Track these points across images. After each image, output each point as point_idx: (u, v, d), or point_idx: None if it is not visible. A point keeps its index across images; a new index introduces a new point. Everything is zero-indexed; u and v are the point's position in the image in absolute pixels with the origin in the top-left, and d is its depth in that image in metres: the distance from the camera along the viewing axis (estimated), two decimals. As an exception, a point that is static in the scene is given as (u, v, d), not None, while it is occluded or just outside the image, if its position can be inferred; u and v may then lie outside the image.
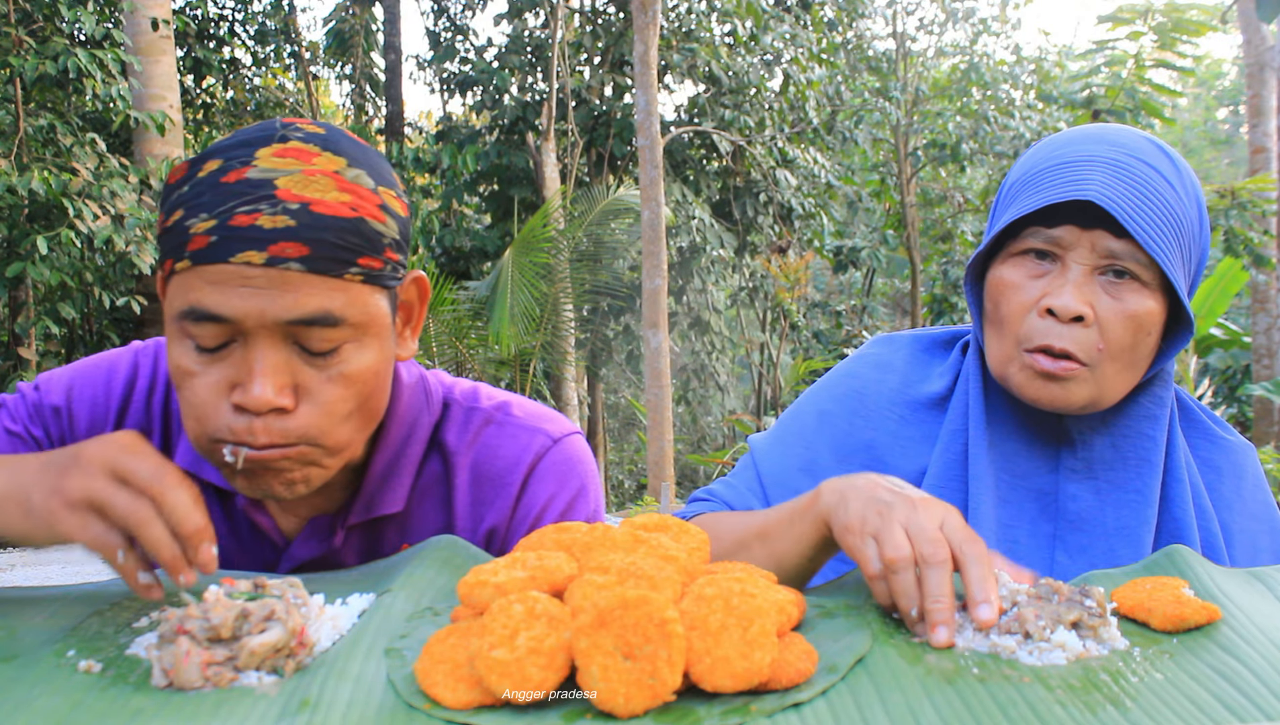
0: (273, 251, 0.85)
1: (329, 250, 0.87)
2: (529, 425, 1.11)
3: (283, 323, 0.87)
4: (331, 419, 0.92)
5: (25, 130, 7.77)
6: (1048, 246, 1.06)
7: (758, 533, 0.99)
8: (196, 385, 0.89)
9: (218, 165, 0.88)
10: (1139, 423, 1.13)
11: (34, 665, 0.73)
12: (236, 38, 13.58)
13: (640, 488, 14.37)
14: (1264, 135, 9.37)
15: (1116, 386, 1.07)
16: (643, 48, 8.24)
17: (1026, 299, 1.06)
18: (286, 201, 0.86)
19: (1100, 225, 1.03)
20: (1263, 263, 9.10)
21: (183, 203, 0.88)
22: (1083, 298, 1.03)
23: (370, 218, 0.89)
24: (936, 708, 0.65)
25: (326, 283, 0.88)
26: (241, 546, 1.08)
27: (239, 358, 0.88)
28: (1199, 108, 29.58)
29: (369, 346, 0.93)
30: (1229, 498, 1.15)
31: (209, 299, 0.86)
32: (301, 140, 0.90)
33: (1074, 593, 0.77)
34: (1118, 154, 1.05)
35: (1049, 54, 16.55)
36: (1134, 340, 1.04)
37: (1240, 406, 9.83)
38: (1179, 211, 1.04)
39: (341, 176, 0.89)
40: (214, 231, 0.85)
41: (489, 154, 12.82)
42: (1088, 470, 1.12)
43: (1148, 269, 1.03)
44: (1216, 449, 1.18)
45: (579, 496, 1.10)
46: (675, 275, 12.86)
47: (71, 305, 8.43)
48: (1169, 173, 1.05)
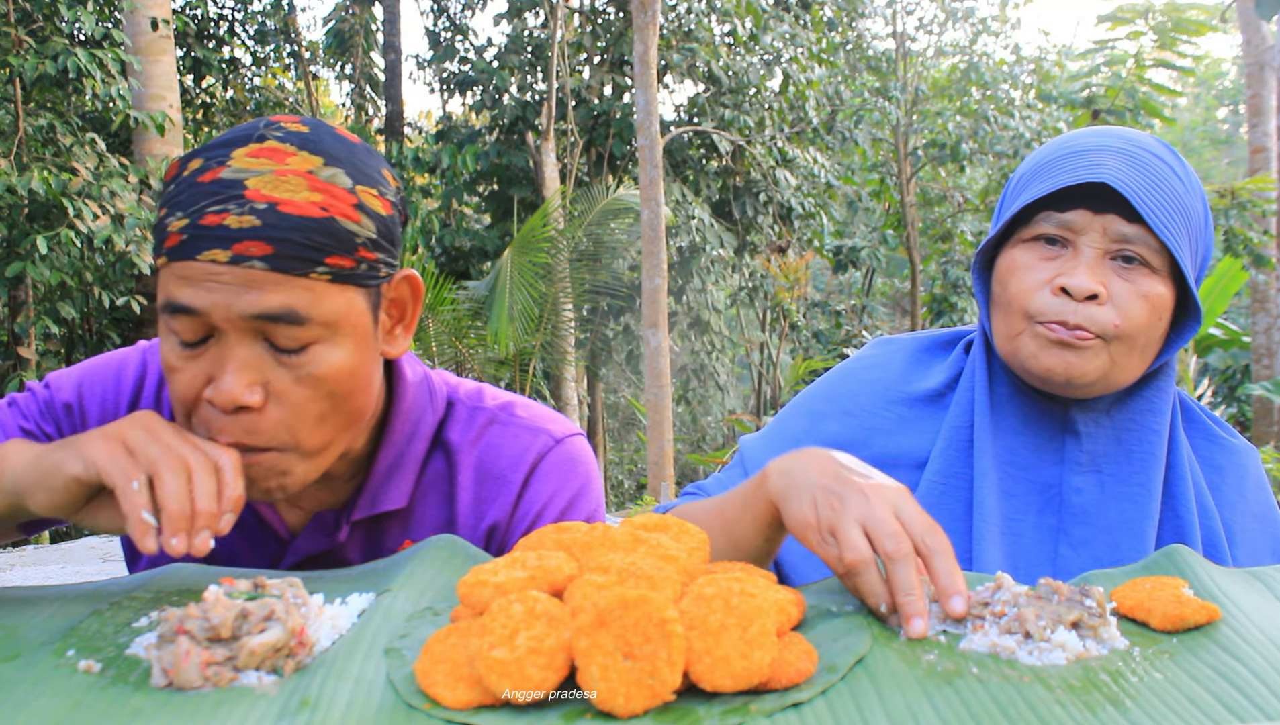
0: (236, 250, 0.87)
1: (294, 249, 0.88)
2: (532, 425, 1.12)
3: (248, 317, 0.88)
4: (302, 420, 0.93)
5: (25, 130, 7.77)
6: (1059, 231, 1.07)
7: (717, 518, 0.99)
8: (178, 380, 0.92)
9: (199, 165, 0.91)
10: (1142, 416, 1.13)
11: (34, 665, 0.73)
12: (236, 37, 13.57)
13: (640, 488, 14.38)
14: (1264, 135, 9.38)
15: (1127, 367, 1.07)
16: (642, 47, 8.24)
17: (1038, 277, 1.07)
18: (254, 201, 0.88)
19: (1112, 210, 1.05)
20: (1262, 263, 9.10)
21: (167, 201, 0.91)
22: (1096, 277, 1.04)
23: (342, 217, 0.90)
24: (936, 708, 0.65)
25: (291, 281, 0.89)
26: (247, 539, 1.09)
27: (215, 354, 0.91)
28: (1199, 108, 29.58)
29: (341, 346, 0.93)
30: (1231, 497, 1.15)
31: (181, 293, 0.89)
32: (279, 140, 0.91)
33: (1074, 593, 0.77)
34: (1127, 145, 1.07)
35: (1049, 54, 16.56)
36: (1147, 321, 1.05)
37: (1240, 406, 9.83)
38: (1188, 203, 1.06)
39: (315, 176, 0.90)
40: (185, 230, 0.88)
41: (489, 154, 12.82)
42: (1091, 463, 1.12)
43: (1158, 255, 1.05)
44: (1219, 449, 1.18)
45: (580, 495, 1.12)
46: (675, 275, 12.86)
47: (71, 305, 8.43)
48: (1177, 167, 1.08)
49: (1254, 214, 9.36)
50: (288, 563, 1.08)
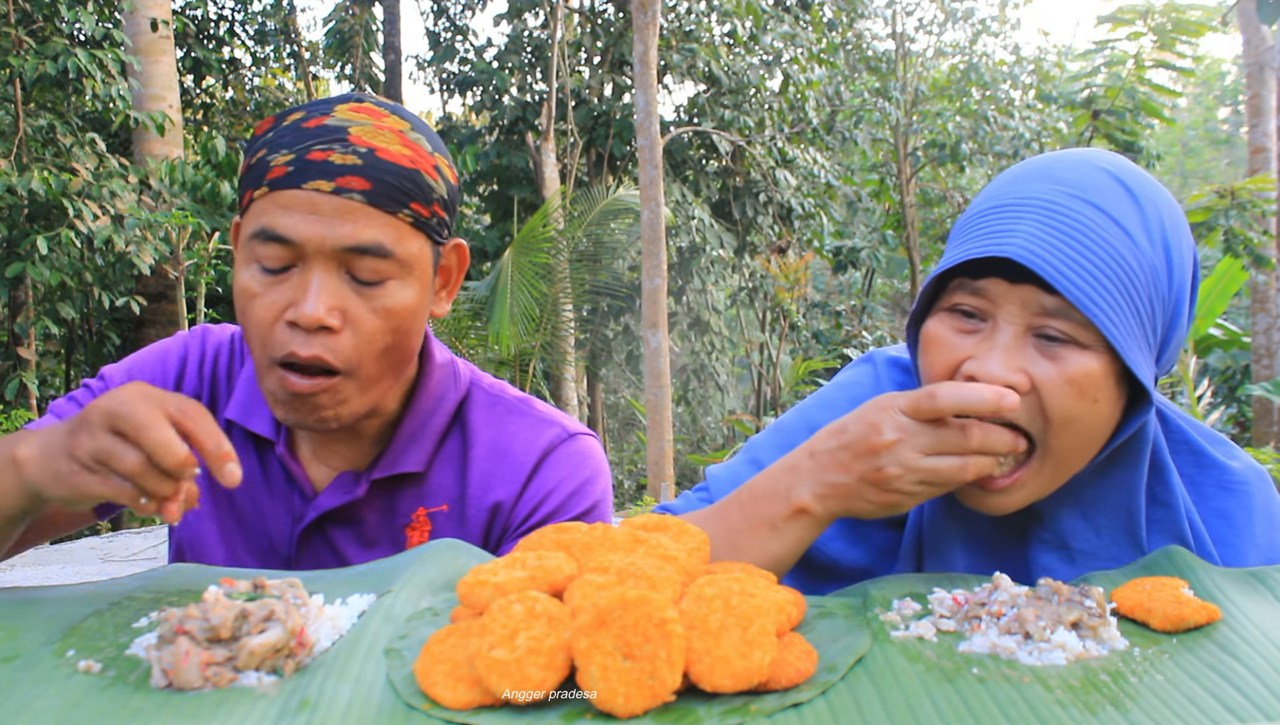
0: (339, 182, 1.00)
1: (388, 189, 1.01)
2: (548, 418, 1.21)
3: (340, 250, 1.00)
4: (369, 349, 1.04)
5: (25, 130, 7.77)
6: (975, 301, 0.93)
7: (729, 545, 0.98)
8: (258, 306, 1.02)
9: (300, 116, 1.04)
10: (1109, 493, 1.01)
11: (34, 665, 0.73)
12: (236, 38, 13.57)
13: (640, 488, 14.37)
14: (1264, 135, 9.38)
15: (1073, 465, 0.95)
16: (642, 48, 8.24)
17: (950, 357, 0.93)
18: (356, 145, 1.01)
19: (1031, 279, 0.90)
20: (1262, 263, 9.10)
21: (266, 144, 1.04)
22: (1012, 363, 0.90)
23: (425, 172, 1.04)
24: (936, 707, 0.65)
25: (382, 218, 1.02)
26: (273, 494, 1.17)
27: (297, 281, 1.01)
28: (1199, 108, 29.57)
29: (411, 286, 1.05)
30: (1243, 551, 1.04)
31: (279, 221, 1.00)
32: (375, 104, 1.06)
33: (1074, 593, 0.77)
34: (1056, 195, 0.92)
35: (1048, 54, 16.55)
36: (1078, 409, 0.90)
37: (1240, 406, 9.82)
38: (1131, 261, 0.90)
39: (405, 135, 1.05)
40: (291, 163, 1.01)
41: (489, 154, 12.82)
42: (1058, 541, 1.02)
43: (1087, 328, 0.89)
44: (1229, 494, 1.05)
45: (586, 484, 1.18)
46: (675, 275, 12.85)
47: (71, 305, 8.43)
48: (1124, 213, 0.91)
49: (1254, 214, 9.36)
50: (310, 518, 1.15)
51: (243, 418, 1.17)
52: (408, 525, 1.16)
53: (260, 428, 1.16)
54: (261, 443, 1.18)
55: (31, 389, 8.05)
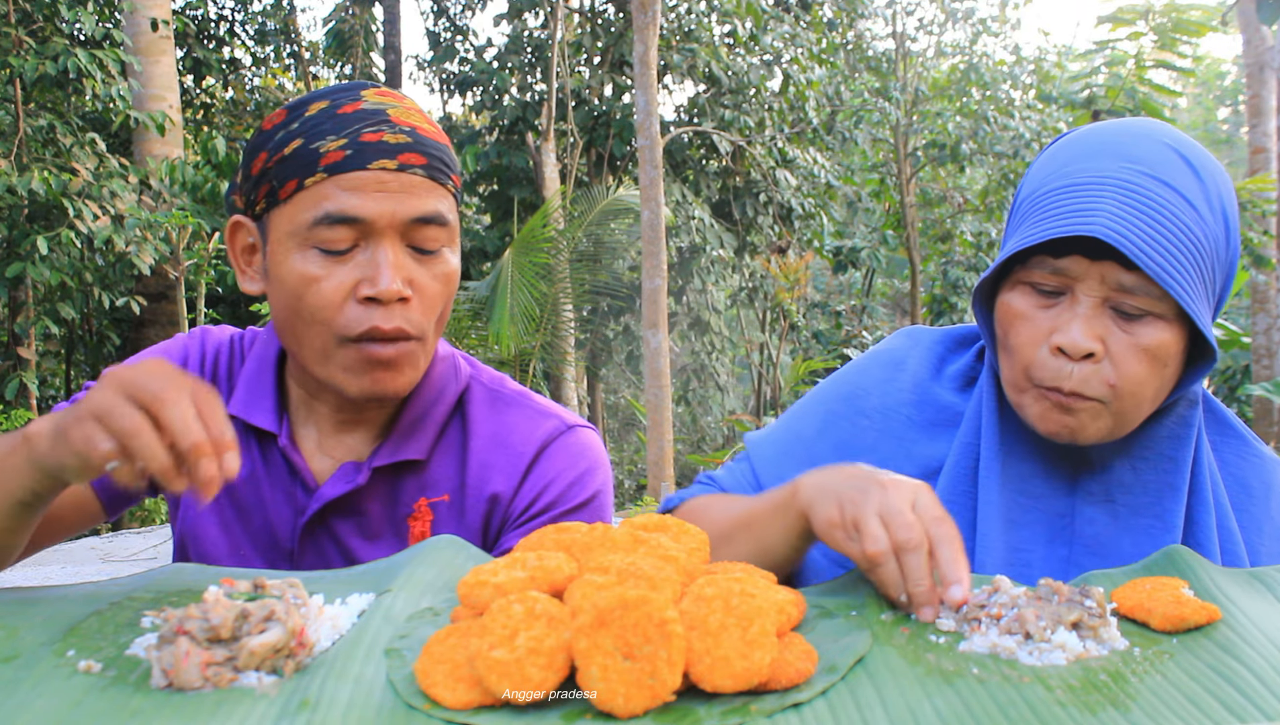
0: (401, 160, 1.05)
1: (437, 162, 1.09)
2: (546, 410, 1.22)
3: (407, 222, 1.06)
4: (431, 314, 1.10)
5: (25, 130, 7.77)
6: (1055, 279, 1.01)
7: (743, 524, 1.02)
8: (323, 288, 1.05)
9: (326, 104, 1.07)
10: (1161, 445, 1.08)
11: (34, 665, 0.73)
12: (236, 38, 13.58)
13: (640, 488, 14.37)
14: (1264, 135, 9.37)
15: (1135, 417, 1.03)
16: (642, 48, 8.24)
17: (1036, 332, 1.02)
18: (400, 125, 1.07)
19: (1110, 256, 0.97)
20: (1263, 263, 9.10)
21: (300, 134, 1.05)
22: (1092, 333, 0.98)
23: (450, 148, 1.12)
24: (936, 708, 0.65)
25: (437, 190, 1.09)
26: (275, 487, 1.18)
27: (364, 259, 1.05)
28: (1199, 108, 29.58)
29: (456, 252, 1.13)
30: (1259, 519, 1.10)
31: (348, 203, 1.04)
32: (385, 90, 1.11)
33: (1074, 593, 0.77)
34: (1132, 174, 0.98)
35: (1049, 54, 16.55)
36: (1148, 374, 0.99)
37: (1240, 406, 9.82)
38: (1199, 234, 0.98)
39: (427, 116, 1.11)
40: (347, 147, 1.04)
41: (489, 154, 12.82)
42: (1105, 494, 1.08)
43: (1162, 301, 0.97)
44: (1249, 466, 1.13)
45: (586, 475, 1.18)
46: (675, 275, 12.85)
47: (71, 305, 8.42)
48: (1190, 188, 0.99)
49: (1254, 214, 9.36)
50: (313, 510, 1.15)
51: (244, 412, 1.17)
52: (410, 515, 1.16)
53: (262, 421, 1.17)
54: (264, 437, 1.18)
55: (31, 389, 8.05)
